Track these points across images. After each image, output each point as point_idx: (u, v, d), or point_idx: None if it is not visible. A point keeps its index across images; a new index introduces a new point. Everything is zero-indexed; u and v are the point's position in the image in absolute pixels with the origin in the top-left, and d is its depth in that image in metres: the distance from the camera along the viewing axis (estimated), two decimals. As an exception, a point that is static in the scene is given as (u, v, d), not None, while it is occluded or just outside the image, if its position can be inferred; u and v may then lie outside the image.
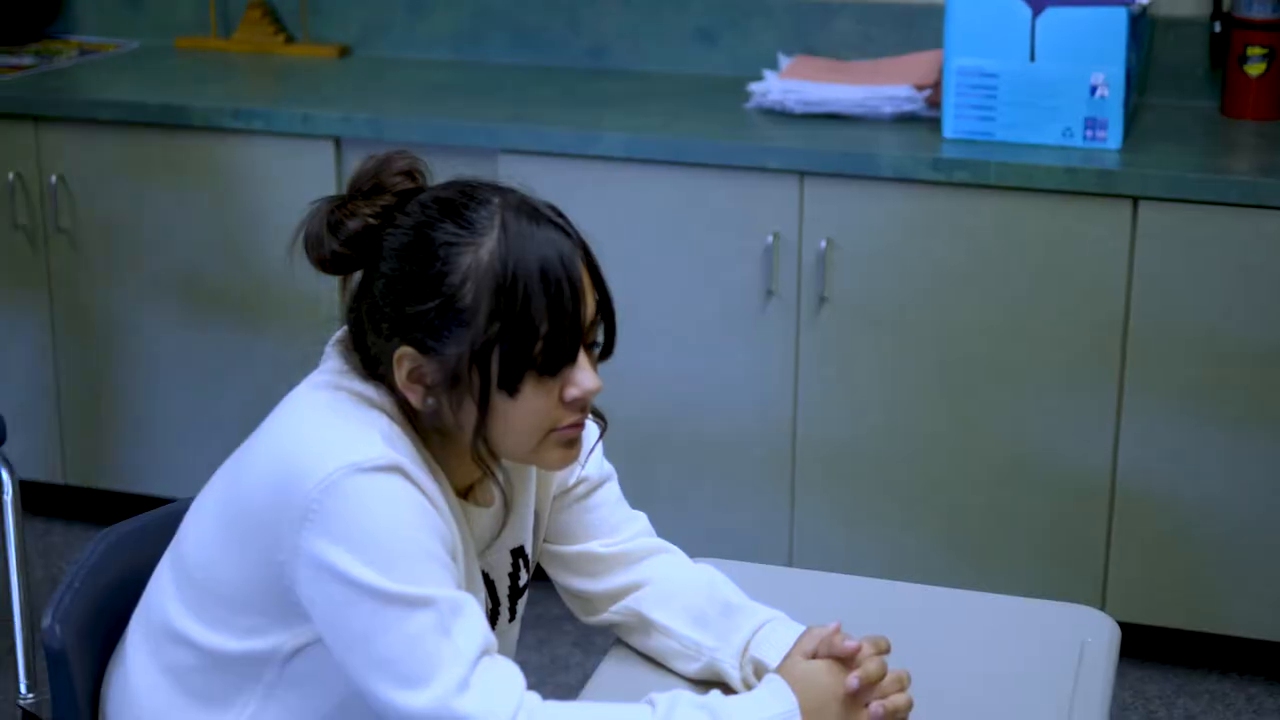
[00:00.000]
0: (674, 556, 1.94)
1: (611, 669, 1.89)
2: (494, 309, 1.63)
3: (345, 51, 4.04)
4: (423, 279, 1.65)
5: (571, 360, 1.67)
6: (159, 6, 4.17)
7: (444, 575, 1.63)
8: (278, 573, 1.65)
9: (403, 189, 1.71)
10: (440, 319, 1.64)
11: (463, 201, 1.67)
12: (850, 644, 1.71)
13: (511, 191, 1.70)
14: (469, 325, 1.63)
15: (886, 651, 1.73)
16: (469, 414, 1.67)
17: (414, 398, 1.68)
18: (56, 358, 3.77)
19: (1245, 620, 3.27)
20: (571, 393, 1.68)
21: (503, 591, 1.86)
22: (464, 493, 1.78)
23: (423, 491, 1.65)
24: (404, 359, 1.67)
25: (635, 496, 2.03)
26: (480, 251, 1.64)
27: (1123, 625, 2.08)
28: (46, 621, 1.74)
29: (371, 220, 1.69)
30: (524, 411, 1.67)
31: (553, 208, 1.71)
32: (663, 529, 2.00)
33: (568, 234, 1.68)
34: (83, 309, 3.73)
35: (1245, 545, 3.21)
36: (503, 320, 1.63)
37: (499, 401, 1.66)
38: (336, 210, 1.70)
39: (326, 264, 1.71)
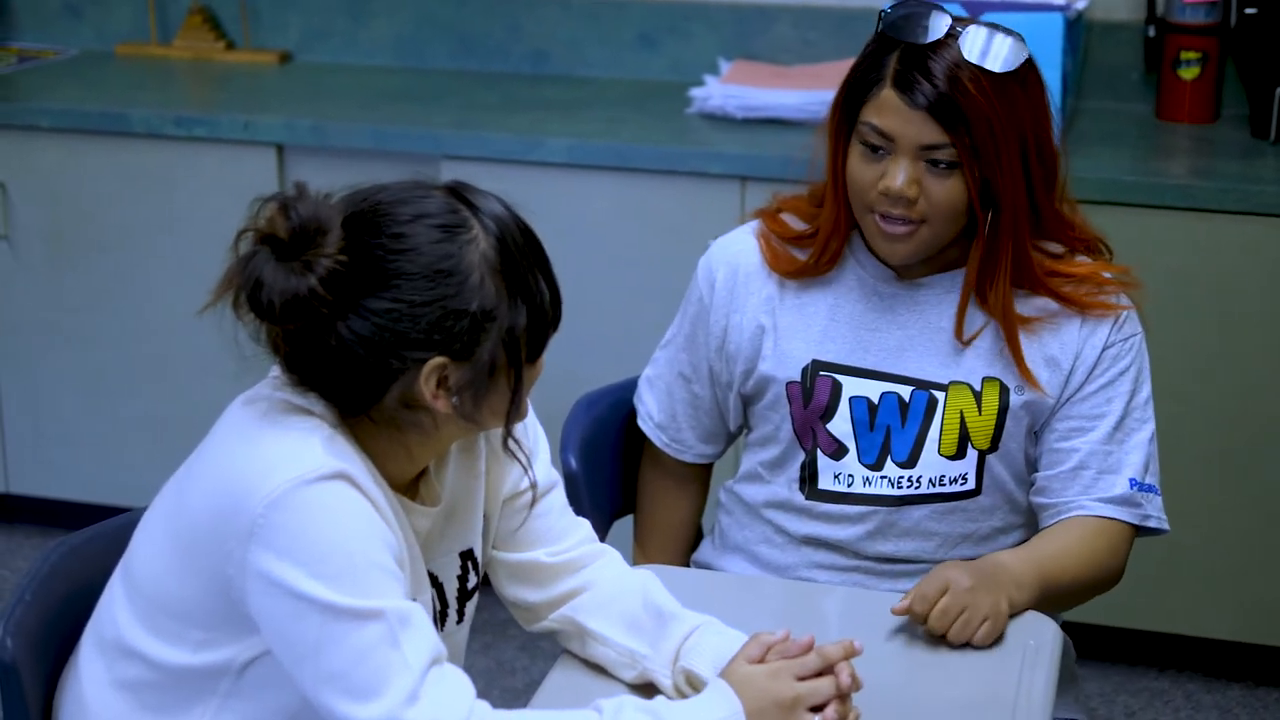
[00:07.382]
0: (611, 559, 1.96)
1: (560, 677, 1.90)
2: (508, 289, 1.65)
3: (286, 58, 4.03)
4: (449, 293, 1.63)
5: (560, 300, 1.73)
6: (98, 13, 4.15)
7: (392, 586, 1.63)
8: (227, 586, 1.64)
9: (344, 218, 1.64)
10: (474, 323, 1.64)
11: (444, 208, 1.66)
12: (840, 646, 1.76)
13: (442, 184, 1.71)
14: (496, 316, 1.65)
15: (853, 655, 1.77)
16: (499, 401, 1.69)
17: (441, 404, 1.66)
18: (-2, 366, 3.76)
19: (1183, 618, 3.31)
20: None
21: (451, 593, 1.87)
22: (403, 492, 1.77)
23: (367, 497, 1.65)
24: (433, 371, 1.64)
25: (581, 503, 2.05)
26: (480, 245, 1.65)
27: (1062, 624, 2.10)
28: (-3, 634, 1.73)
29: (340, 261, 1.61)
30: (535, 374, 1.72)
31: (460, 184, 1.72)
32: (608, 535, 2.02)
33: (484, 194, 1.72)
34: (24, 316, 3.72)
35: (1182, 544, 3.24)
36: (516, 294, 1.66)
37: (526, 374, 1.70)
38: (293, 260, 1.61)
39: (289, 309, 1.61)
